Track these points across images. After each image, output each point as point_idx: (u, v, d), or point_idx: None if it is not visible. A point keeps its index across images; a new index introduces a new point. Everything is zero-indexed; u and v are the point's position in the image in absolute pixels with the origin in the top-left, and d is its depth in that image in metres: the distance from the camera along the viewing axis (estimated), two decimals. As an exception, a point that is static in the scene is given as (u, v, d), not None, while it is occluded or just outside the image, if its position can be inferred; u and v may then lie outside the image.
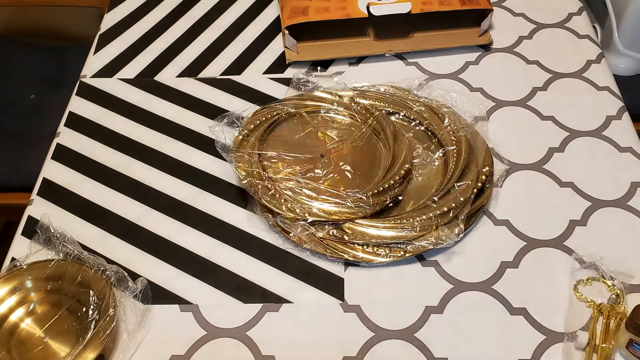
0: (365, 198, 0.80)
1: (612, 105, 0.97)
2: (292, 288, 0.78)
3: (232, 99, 0.99)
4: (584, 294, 0.75)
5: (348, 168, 0.86)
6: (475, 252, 0.80)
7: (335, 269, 0.79)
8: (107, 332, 0.69)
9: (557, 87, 1.00)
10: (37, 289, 0.75)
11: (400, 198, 0.83)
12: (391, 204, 0.82)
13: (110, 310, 0.70)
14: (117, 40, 1.10)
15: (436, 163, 0.87)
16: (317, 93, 0.96)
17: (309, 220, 0.79)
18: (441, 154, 0.88)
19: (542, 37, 1.08)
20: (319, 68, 1.02)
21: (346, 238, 0.79)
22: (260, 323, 0.75)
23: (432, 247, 0.77)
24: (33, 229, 0.83)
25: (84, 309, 0.72)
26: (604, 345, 0.70)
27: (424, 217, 0.80)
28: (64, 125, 0.96)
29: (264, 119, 0.92)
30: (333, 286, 0.78)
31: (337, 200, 0.81)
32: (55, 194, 0.87)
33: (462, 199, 0.82)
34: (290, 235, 0.80)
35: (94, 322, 0.70)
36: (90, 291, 0.72)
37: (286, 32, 1.01)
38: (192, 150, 0.92)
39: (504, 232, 0.82)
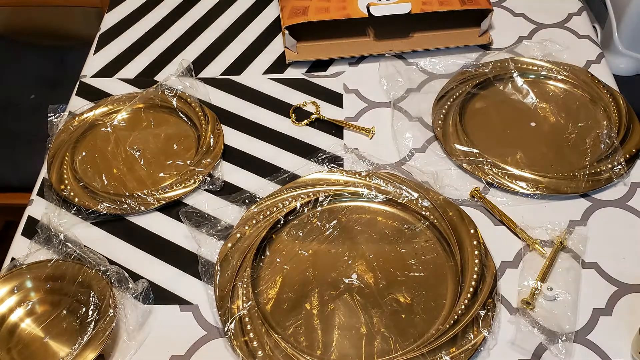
0: None
1: (612, 105, 0.97)
2: (292, 288, 0.77)
3: (232, 98, 0.99)
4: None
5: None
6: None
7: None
8: (107, 332, 0.69)
9: (557, 87, 1.00)
10: (37, 289, 0.74)
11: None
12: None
13: (110, 310, 0.70)
14: (117, 40, 1.10)
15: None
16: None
17: None
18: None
19: (542, 37, 1.08)
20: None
21: None
22: (261, 323, 0.75)
23: None
24: (33, 229, 0.82)
25: (84, 309, 0.72)
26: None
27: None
28: (64, 125, 0.96)
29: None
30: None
31: None
32: (55, 193, 0.86)
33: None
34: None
35: (93, 322, 0.70)
36: (91, 291, 0.72)
37: (286, 32, 1.01)
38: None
39: (505, 232, 0.82)
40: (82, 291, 0.73)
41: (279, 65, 1.04)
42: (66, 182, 0.86)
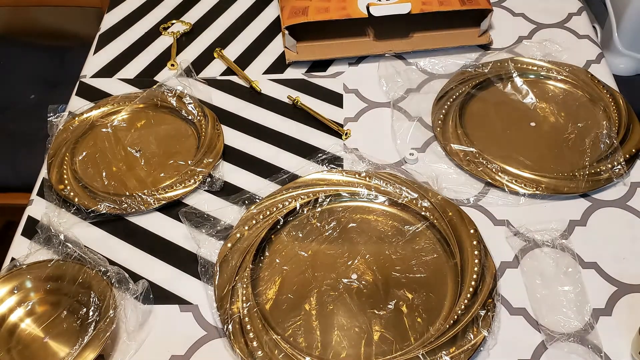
0: None
1: (612, 105, 0.97)
2: (292, 288, 0.77)
3: (232, 98, 0.99)
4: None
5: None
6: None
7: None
8: (107, 333, 0.69)
9: (557, 87, 1.00)
10: (37, 289, 0.74)
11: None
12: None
13: (111, 311, 0.70)
14: (117, 40, 1.10)
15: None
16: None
17: None
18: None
19: (542, 37, 1.08)
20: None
21: None
22: (260, 323, 0.75)
23: None
24: (33, 229, 0.83)
25: (84, 310, 0.72)
26: None
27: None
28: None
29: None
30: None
31: None
32: (55, 194, 0.86)
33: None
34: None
35: (94, 323, 0.70)
36: (91, 292, 0.72)
37: (286, 32, 1.01)
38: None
39: (502, 231, 0.82)
40: (82, 292, 0.73)
41: (279, 65, 1.04)
42: (66, 182, 0.86)
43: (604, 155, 0.87)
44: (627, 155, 0.87)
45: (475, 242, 0.78)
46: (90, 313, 0.71)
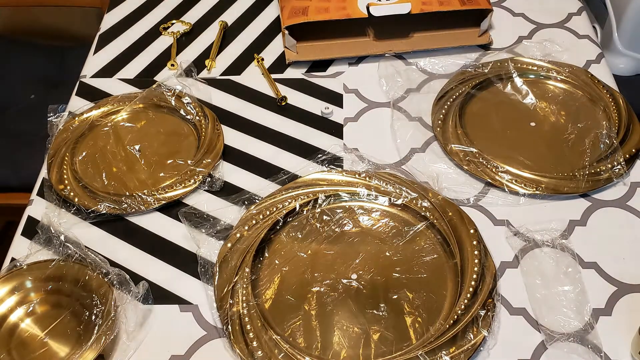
0: None
1: (612, 105, 0.97)
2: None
3: (232, 98, 0.99)
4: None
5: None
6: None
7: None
8: (108, 334, 0.69)
9: (557, 87, 1.00)
10: (37, 289, 0.74)
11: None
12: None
13: (112, 313, 0.70)
14: (117, 40, 1.10)
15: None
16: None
17: None
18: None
19: (542, 37, 1.08)
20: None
21: None
22: (260, 323, 0.75)
23: None
24: (33, 229, 0.82)
25: (84, 311, 0.72)
26: None
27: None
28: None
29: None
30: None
31: None
32: (55, 194, 0.86)
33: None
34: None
35: (94, 324, 0.70)
36: (92, 293, 0.72)
37: (286, 32, 1.01)
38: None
39: (502, 231, 0.82)
40: (82, 292, 0.73)
41: (279, 65, 1.04)
42: (66, 182, 0.86)
43: (603, 155, 0.87)
44: (627, 155, 0.87)
45: (475, 242, 0.78)
46: (91, 314, 0.71)
